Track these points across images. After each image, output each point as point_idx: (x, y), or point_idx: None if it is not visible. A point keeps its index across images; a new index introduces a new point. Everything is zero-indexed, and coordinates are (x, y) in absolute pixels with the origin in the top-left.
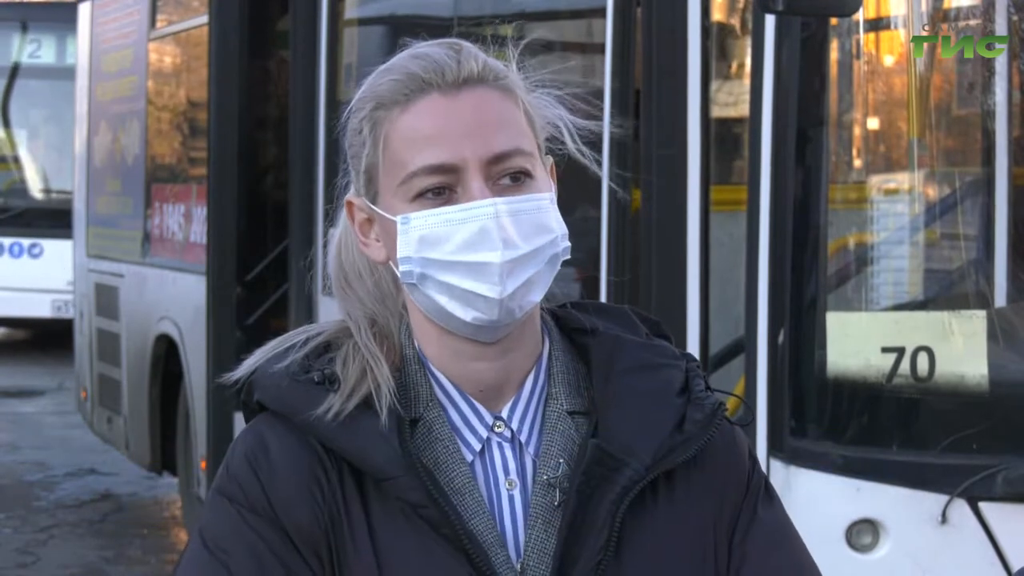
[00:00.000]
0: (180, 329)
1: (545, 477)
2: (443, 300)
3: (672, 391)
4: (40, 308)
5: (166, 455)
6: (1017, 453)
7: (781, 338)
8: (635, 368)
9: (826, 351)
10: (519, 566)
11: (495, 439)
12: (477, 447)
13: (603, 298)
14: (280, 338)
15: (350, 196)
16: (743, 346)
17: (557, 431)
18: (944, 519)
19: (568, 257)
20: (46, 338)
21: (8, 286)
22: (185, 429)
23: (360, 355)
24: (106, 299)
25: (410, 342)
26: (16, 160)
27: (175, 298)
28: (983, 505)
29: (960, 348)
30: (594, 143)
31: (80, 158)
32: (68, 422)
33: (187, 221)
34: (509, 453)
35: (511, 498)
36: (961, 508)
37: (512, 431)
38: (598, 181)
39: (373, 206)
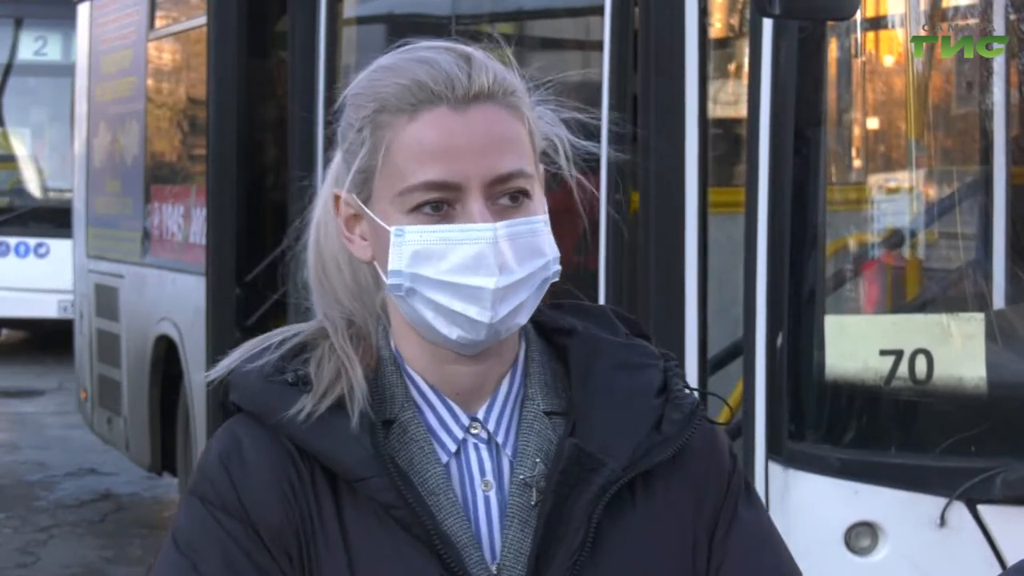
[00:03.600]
0: (180, 330)
1: (522, 477)
2: (429, 315)
3: (651, 391)
4: (46, 308)
5: (166, 455)
6: (1016, 455)
7: (779, 341)
8: (614, 368)
9: (824, 354)
10: (495, 567)
11: (471, 440)
12: (452, 448)
13: (602, 301)
14: (257, 339)
15: (338, 190)
16: (741, 349)
17: (533, 431)
18: (943, 522)
19: (557, 280)
20: (46, 338)
21: (14, 286)
22: (185, 430)
23: (335, 356)
24: (106, 300)
25: (387, 343)
26: (22, 159)
27: (175, 299)
28: (982, 508)
29: (958, 350)
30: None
31: (79, 159)
32: (68, 422)
33: (186, 222)
34: (485, 454)
35: (487, 499)
36: (960, 511)
37: (488, 432)
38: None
39: (365, 207)
